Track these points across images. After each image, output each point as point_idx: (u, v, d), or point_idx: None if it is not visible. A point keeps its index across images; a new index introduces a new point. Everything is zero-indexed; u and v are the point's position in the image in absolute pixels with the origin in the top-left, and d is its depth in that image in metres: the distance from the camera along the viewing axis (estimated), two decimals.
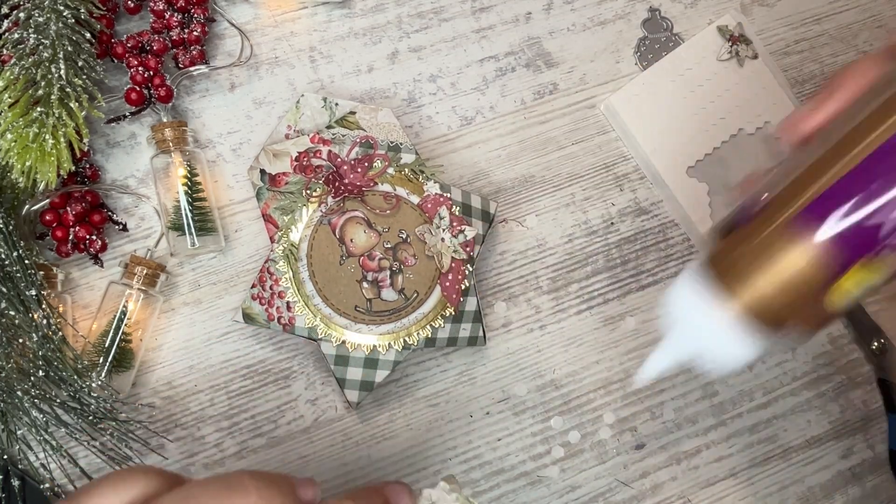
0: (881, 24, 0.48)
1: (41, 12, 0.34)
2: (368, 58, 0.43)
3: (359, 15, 0.43)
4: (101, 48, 0.38)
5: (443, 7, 0.44)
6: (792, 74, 0.47)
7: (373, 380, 0.38)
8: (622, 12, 0.45)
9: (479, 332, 0.39)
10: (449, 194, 0.38)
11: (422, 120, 0.43)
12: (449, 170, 0.42)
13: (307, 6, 0.42)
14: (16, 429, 0.36)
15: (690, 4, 0.46)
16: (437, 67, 0.43)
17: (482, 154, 0.43)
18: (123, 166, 0.40)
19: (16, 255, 0.34)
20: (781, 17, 0.47)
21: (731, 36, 0.45)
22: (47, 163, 0.33)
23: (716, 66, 0.45)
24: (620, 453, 0.42)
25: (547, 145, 0.44)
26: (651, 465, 0.42)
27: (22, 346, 0.35)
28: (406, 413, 0.40)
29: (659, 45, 0.45)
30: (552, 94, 0.44)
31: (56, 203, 0.37)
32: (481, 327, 0.39)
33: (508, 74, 0.44)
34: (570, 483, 0.41)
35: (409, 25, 0.43)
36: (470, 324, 0.39)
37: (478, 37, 0.44)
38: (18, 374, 0.35)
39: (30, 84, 0.34)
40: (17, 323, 0.34)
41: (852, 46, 0.48)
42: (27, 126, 0.33)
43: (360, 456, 0.40)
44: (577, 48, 0.45)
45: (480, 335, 0.39)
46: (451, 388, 0.41)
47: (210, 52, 0.41)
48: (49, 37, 0.34)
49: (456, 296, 0.38)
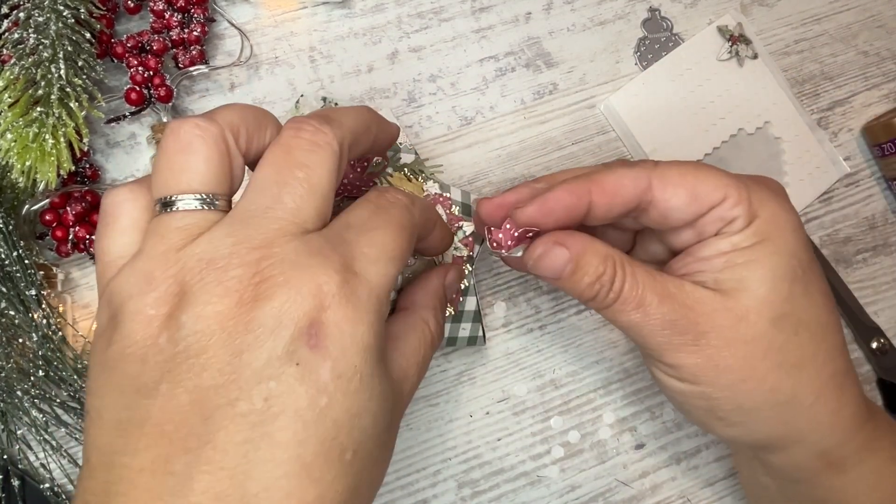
0: (881, 24, 0.48)
1: (41, 12, 0.34)
2: (368, 58, 0.43)
3: (359, 15, 0.43)
4: (101, 48, 0.38)
5: (443, 7, 0.44)
6: (792, 74, 0.47)
7: None
8: (622, 12, 0.45)
9: (478, 332, 0.39)
10: (448, 194, 0.38)
11: (422, 120, 0.43)
12: (449, 170, 0.42)
13: (307, 6, 0.42)
14: (16, 429, 0.36)
15: (690, 4, 0.46)
16: (437, 67, 0.43)
17: (482, 154, 0.43)
18: (123, 166, 0.40)
19: (16, 255, 0.34)
20: (781, 17, 0.47)
21: (731, 36, 0.45)
22: (47, 163, 0.33)
23: (716, 66, 0.45)
24: (620, 453, 0.42)
25: (547, 145, 0.44)
26: (651, 465, 0.42)
27: (22, 346, 0.35)
28: (406, 413, 0.40)
29: (659, 45, 0.45)
30: (552, 94, 0.44)
31: (56, 203, 0.37)
32: (481, 327, 0.39)
33: (508, 74, 0.44)
34: (570, 483, 0.41)
35: (409, 25, 0.43)
36: (470, 323, 0.39)
37: (478, 37, 0.44)
38: (18, 374, 0.35)
39: (30, 84, 0.34)
40: (17, 323, 0.34)
41: (852, 46, 0.48)
42: (27, 126, 0.33)
43: None
44: (577, 48, 0.45)
45: (480, 335, 0.39)
46: (451, 388, 0.41)
47: (210, 52, 0.41)
48: (49, 37, 0.34)
49: (456, 295, 0.38)
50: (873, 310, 0.45)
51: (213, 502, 0.20)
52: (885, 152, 0.45)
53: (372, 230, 0.25)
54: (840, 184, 0.46)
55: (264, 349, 0.21)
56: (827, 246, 0.46)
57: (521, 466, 0.41)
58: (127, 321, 0.22)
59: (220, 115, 0.24)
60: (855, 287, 0.45)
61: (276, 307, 0.21)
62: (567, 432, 0.41)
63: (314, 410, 0.21)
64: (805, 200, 0.45)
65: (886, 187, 0.47)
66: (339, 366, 0.21)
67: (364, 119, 0.28)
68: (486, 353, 0.41)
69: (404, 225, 0.26)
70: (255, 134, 0.25)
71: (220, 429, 0.20)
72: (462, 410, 0.41)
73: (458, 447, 0.40)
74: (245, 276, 0.21)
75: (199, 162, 0.23)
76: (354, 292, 0.22)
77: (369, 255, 0.24)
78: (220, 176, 0.24)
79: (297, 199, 0.23)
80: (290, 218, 0.23)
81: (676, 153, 0.44)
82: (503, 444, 0.41)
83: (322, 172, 0.24)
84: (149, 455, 0.21)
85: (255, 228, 0.22)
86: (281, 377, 0.21)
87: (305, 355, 0.21)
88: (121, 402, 0.21)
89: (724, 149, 0.45)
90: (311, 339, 0.21)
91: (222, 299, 0.21)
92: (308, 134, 0.24)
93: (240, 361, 0.21)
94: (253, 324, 0.21)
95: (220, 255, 0.22)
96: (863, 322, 0.44)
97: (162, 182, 0.23)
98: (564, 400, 0.42)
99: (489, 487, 0.40)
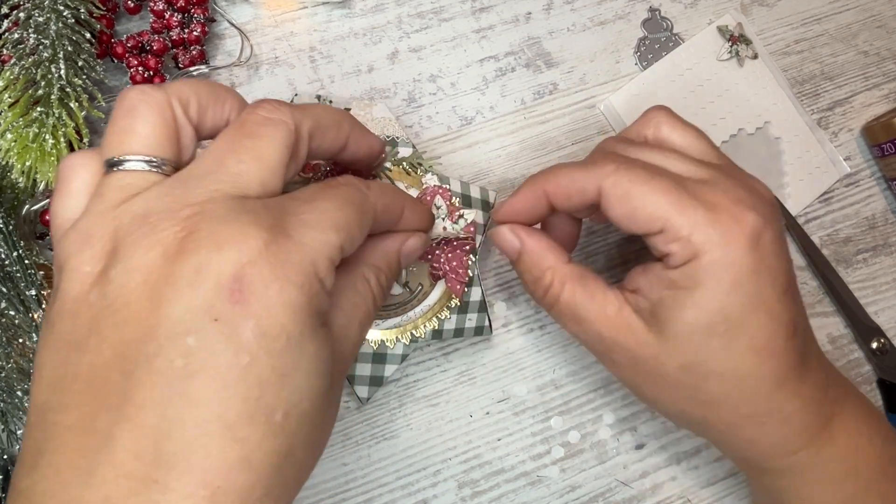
0: (881, 24, 0.48)
1: (41, 12, 0.34)
2: (368, 58, 0.43)
3: (359, 15, 0.43)
4: (101, 48, 0.38)
5: (443, 7, 0.44)
6: (792, 74, 0.47)
7: (382, 374, 0.38)
8: (622, 12, 0.45)
9: (484, 322, 0.39)
10: (448, 185, 0.38)
11: (422, 120, 0.43)
12: (449, 170, 0.42)
13: (307, 6, 0.42)
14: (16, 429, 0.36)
15: (690, 4, 0.46)
16: (437, 67, 0.43)
17: (482, 154, 0.43)
18: None
19: (16, 255, 0.34)
20: (781, 17, 0.47)
21: (731, 36, 0.45)
22: (47, 163, 0.33)
23: (716, 66, 0.45)
24: (620, 453, 0.42)
25: (547, 145, 0.44)
26: (651, 465, 0.42)
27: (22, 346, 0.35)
28: (406, 413, 0.40)
29: (659, 45, 0.45)
30: (552, 94, 0.44)
31: None
32: (487, 317, 0.39)
33: (508, 74, 0.44)
34: (570, 483, 0.41)
35: (409, 25, 0.43)
36: (476, 314, 0.39)
37: (478, 37, 0.44)
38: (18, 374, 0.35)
39: (30, 84, 0.34)
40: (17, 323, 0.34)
41: (852, 46, 0.48)
42: (27, 126, 0.33)
43: (360, 456, 0.40)
44: (577, 48, 0.45)
45: (486, 324, 0.39)
46: (451, 388, 0.41)
47: (210, 52, 0.41)
48: (49, 37, 0.34)
49: (460, 287, 0.38)
50: (873, 310, 0.45)
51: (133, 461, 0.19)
52: (885, 152, 0.45)
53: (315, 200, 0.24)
54: (840, 184, 0.46)
55: (182, 302, 0.20)
56: (827, 246, 0.46)
57: (521, 466, 0.41)
58: (65, 279, 0.22)
59: (170, 85, 0.25)
60: (855, 287, 0.45)
61: (198, 260, 0.21)
62: (567, 432, 0.41)
63: (235, 369, 0.20)
64: (805, 200, 0.45)
65: (886, 187, 0.47)
66: (262, 324, 0.20)
67: (333, 115, 0.28)
68: (486, 353, 0.41)
69: (352, 200, 0.25)
70: (209, 107, 0.25)
71: (139, 385, 0.20)
72: (462, 410, 0.41)
73: (458, 447, 0.40)
74: (173, 231, 0.21)
75: (142, 125, 0.23)
76: (285, 252, 0.21)
77: (307, 221, 0.23)
78: (164, 141, 0.24)
79: (240, 165, 0.23)
80: (230, 181, 0.23)
81: None
82: (503, 444, 0.41)
83: (272, 145, 0.24)
84: (76, 412, 0.20)
85: (194, 189, 0.22)
86: (199, 333, 0.20)
87: (226, 310, 0.20)
88: (57, 358, 0.21)
89: (724, 149, 0.45)
90: (234, 295, 0.20)
91: (148, 253, 0.21)
92: (264, 111, 0.25)
93: (158, 315, 0.20)
94: (174, 276, 0.20)
95: (153, 211, 0.22)
96: (863, 322, 0.44)
97: (108, 144, 0.24)
98: (564, 400, 0.42)
99: (489, 487, 0.40)
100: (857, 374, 0.45)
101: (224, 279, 0.20)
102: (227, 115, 0.26)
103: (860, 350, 0.45)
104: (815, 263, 0.45)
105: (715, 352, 0.29)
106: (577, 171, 0.31)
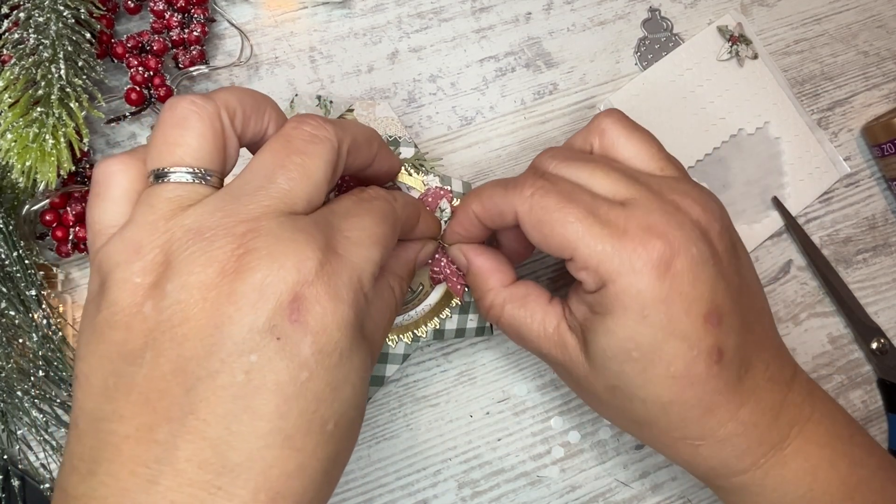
0: (881, 24, 0.48)
1: (41, 12, 0.34)
2: (368, 58, 0.43)
3: (359, 15, 0.43)
4: (101, 48, 0.38)
5: (443, 7, 0.44)
6: (792, 74, 0.47)
7: (383, 374, 0.38)
8: (622, 12, 0.45)
9: (486, 322, 0.39)
10: (450, 186, 0.38)
11: (422, 120, 0.43)
12: (449, 170, 0.42)
13: (307, 6, 0.42)
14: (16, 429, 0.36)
15: (690, 4, 0.46)
16: (437, 67, 0.43)
17: (482, 154, 0.43)
18: None
19: (16, 255, 0.34)
20: (781, 17, 0.47)
21: (731, 36, 0.45)
22: (47, 163, 0.33)
23: (716, 67, 0.45)
24: (620, 453, 0.42)
25: (547, 145, 0.44)
26: (651, 465, 0.42)
27: (22, 346, 0.35)
28: (406, 413, 0.40)
29: (659, 45, 0.45)
30: (552, 94, 0.44)
31: (56, 203, 0.37)
32: None
33: (508, 74, 0.44)
34: (570, 483, 0.41)
35: (409, 25, 0.43)
36: (477, 314, 0.39)
37: (478, 37, 0.44)
38: (18, 374, 0.35)
39: (30, 84, 0.34)
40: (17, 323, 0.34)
41: (852, 46, 0.48)
42: (27, 126, 0.33)
43: (360, 456, 0.40)
44: (577, 48, 0.45)
45: (488, 325, 0.39)
46: (451, 388, 0.41)
47: (210, 52, 0.41)
48: (49, 37, 0.34)
49: (461, 287, 0.38)
50: (873, 310, 0.45)
51: (198, 469, 0.20)
52: (885, 152, 0.45)
53: (354, 216, 0.25)
54: (840, 184, 0.46)
55: (245, 322, 0.21)
56: (827, 246, 0.46)
57: (521, 466, 0.41)
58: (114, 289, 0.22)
59: (218, 95, 0.25)
60: (855, 287, 0.45)
61: (258, 279, 0.21)
62: (567, 432, 0.41)
63: (295, 384, 0.21)
64: (805, 200, 0.45)
65: (886, 187, 0.47)
66: (319, 341, 0.22)
67: (366, 133, 0.29)
68: (486, 353, 0.41)
69: (386, 214, 0.27)
70: (252, 116, 0.26)
71: (201, 400, 0.21)
72: (462, 410, 0.41)
73: (458, 447, 0.40)
74: (230, 248, 0.22)
75: (193, 137, 0.24)
76: (336, 271, 0.23)
77: (351, 238, 0.24)
78: (213, 153, 0.24)
79: (290, 182, 0.24)
80: (281, 197, 0.23)
81: (677, 153, 0.44)
82: (503, 444, 0.41)
83: (318, 162, 0.25)
84: (134, 423, 0.21)
85: (245, 204, 0.23)
86: (262, 350, 0.21)
87: (287, 329, 0.21)
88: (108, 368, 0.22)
89: (724, 149, 0.45)
90: (293, 314, 0.21)
91: (205, 269, 0.21)
92: (310, 127, 0.25)
93: (221, 333, 0.21)
94: (235, 295, 0.21)
95: (208, 226, 0.22)
96: (863, 322, 0.44)
97: (156, 154, 0.24)
98: (564, 400, 0.42)
99: (489, 487, 0.40)
100: (857, 374, 0.45)
101: (284, 299, 0.21)
102: (266, 125, 0.26)
103: (860, 350, 0.45)
104: (815, 263, 0.45)
105: (632, 378, 0.29)
106: (497, 194, 0.31)
